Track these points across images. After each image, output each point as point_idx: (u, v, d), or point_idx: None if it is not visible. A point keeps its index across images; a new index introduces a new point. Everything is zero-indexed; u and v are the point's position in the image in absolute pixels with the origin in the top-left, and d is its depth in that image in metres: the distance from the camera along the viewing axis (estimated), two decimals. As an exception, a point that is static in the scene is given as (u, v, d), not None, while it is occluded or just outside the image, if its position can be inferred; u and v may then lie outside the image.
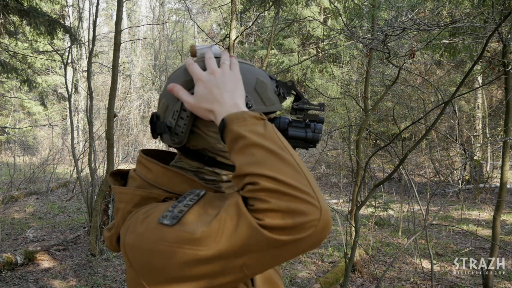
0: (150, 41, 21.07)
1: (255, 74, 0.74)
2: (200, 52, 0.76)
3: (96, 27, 5.78)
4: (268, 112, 0.74)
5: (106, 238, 0.75)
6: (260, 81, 0.73)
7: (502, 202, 3.21)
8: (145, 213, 0.65)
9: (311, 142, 0.76)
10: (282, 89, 0.77)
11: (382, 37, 3.29)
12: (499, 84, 9.12)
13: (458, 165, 8.54)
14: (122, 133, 13.54)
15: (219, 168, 0.75)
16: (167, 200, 0.70)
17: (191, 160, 0.76)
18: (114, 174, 0.80)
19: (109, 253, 4.78)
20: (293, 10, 9.01)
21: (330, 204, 7.74)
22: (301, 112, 0.79)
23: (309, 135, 0.76)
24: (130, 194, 0.71)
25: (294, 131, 0.76)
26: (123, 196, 0.71)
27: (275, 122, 0.77)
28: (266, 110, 0.73)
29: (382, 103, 7.86)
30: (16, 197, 8.09)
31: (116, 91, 4.78)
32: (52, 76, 14.70)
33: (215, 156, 0.75)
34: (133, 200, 0.70)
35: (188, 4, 12.87)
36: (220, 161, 0.75)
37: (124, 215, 0.70)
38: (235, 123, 0.60)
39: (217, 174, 0.76)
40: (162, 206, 0.65)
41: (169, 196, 0.70)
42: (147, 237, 0.61)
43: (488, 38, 2.48)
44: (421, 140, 2.95)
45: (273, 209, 0.54)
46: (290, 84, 0.78)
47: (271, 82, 0.75)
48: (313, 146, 0.77)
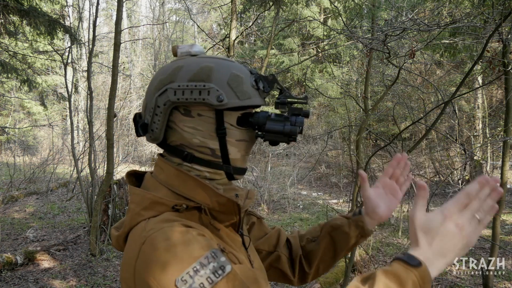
0: (150, 41, 21.07)
1: (230, 69, 0.73)
2: (180, 51, 0.77)
3: (96, 27, 5.78)
4: (244, 105, 0.74)
5: (113, 237, 0.75)
6: (234, 75, 0.73)
7: (502, 202, 3.22)
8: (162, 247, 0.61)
9: (290, 136, 0.76)
10: (262, 83, 0.76)
11: (382, 37, 3.29)
12: (499, 84, 9.11)
13: (458, 165, 8.53)
14: (122, 133, 13.53)
15: (197, 164, 0.75)
16: (176, 207, 0.70)
17: (172, 156, 0.77)
18: (130, 174, 0.81)
19: (109, 253, 4.78)
20: (293, 10, 9.01)
21: (330, 204, 7.74)
22: (283, 105, 0.78)
23: (286, 128, 0.75)
24: (141, 196, 0.71)
25: (272, 124, 0.75)
26: (134, 197, 0.72)
27: (254, 116, 0.77)
28: (240, 104, 0.72)
29: (382, 103, 7.85)
30: (16, 197, 8.09)
31: (116, 91, 4.78)
32: (52, 76, 14.69)
33: (193, 152, 0.75)
34: (143, 203, 0.70)
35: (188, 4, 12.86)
36: (198, 157, 0.75)
37: (133, 216, 0.70)
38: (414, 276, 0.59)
39: (198, 170, 0.76)
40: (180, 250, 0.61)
41: (178, 203, 0.70)
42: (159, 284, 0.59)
43: (488, 38, 2.48)
44: (421, 140, 2.95)
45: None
46: (271, 78, 0.77)
47: (249, 76, 0.75)
48: (293, 140, 0.76)
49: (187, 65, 0.73)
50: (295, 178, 10.20)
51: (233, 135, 0.75)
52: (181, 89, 0.71)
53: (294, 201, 8.53)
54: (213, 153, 0.75)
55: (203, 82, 0.71)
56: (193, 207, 0.72)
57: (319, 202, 8.51)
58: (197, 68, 0.72)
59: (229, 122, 0.74)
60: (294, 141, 0.77)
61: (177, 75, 0.73)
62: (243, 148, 0.78)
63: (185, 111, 0.74)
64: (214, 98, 0.71)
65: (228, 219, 0.75)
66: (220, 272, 0.60)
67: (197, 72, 0.72)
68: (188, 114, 0.74)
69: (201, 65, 0.73)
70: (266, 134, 0.76)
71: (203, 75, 0.72)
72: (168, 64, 0.77)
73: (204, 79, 0.71)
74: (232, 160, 0.76)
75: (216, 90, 0.71)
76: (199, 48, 0.78)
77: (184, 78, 0.72)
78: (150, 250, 0.62)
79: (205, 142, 0.74)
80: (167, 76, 0.73)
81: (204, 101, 0.71)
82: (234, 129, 0.75)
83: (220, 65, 0.73)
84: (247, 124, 0.77)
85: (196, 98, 0.71)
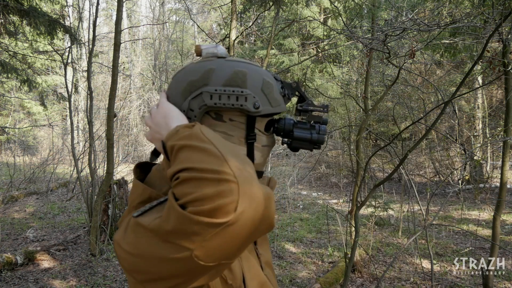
0: (150, 41, 21.06)
1: (262, 75, 0.74)
2: (205, 51, 0.76)
3: (96, 27, 5.78)
4: (274, 112, 0.75)
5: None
6: (266, 82, 0.73)
7: (502, 202, 3.21)
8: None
9: (316, 144, 0.77)
10: (287, 90, 0.77)
11: (382, 37, 3.29)
12: (499, 84, 9.11)
13: (458, 165, 8.53)
14: (122, 133, 13.53)
15: None
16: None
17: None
18: (137, 167, 0.81)
19: (109, 253, 4.78)
20: (293, 10, 9.01)
21: (330, 204, 7.74)
22: (305, 113, 0.79)
23: (314, 137, 0.77)
24: (141, 189, 0.71)
25: (300, 132, 0.77)
26: (134, 189, 0.72)
27: (280, 123, 0.78)
28: (273, 111, 0.73)
29: (382, 103, 7.86)
30: (16, 197, 8.09)
31: (116, 91, 4.77)
32: (52, 76, 14.70)
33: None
34: (142, 196, 0.71)
35: (188, 4, 12.86)
36: None
37: (130, 209, 0.71)
38: (170, 140, 0.62)
39: None
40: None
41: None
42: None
43: (488, 38, 2.48)
44: (421, 140, 2.94)
45: (195, 197, 0.54)
46: (294, 86, 0.78)
47: (276, 83, 0.76)
48: (318, 148, 0.78)
49: (219, 69, 0.73)
50: (295, 178, 10.20)
51: (261, 140, 0.76)
52: (217, 94, 0.71)
53: (294, 201, 8.53)
54: None
55: (239, 88, 0.71)
56: None
57: (319, 202, 8.50)
58: (231, 73, 0.72)
59: (259, 128, 0.75)
60: (318, 149, 0.78)
61: (211, 78, 0.72)
62: (266, 153, 0.79)
63: (216, 115, 0.73)
64: (251, 104, 0.71)
65: None
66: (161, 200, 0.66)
67: (231, 76, 0.71)
68: (219, 119, 0.73)
69: (235, 69, 0.72)
70: (294, 141, 0.77)
71: (238, 80, 0.71)
72: (196, 64, 0.76)
73: (240, 84, 0.71)
74: (256, 165, 0.77)
75: (253, 97, 0.71)
76: (224, 50, 0.77)
77: (218, 82, 0.71)
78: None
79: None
80: (199, 79, 0.72)
81: (242, 107, 0.71)
82: (262, 135, 0.76)
83: (252, 70, 0.74)
84: (273, 130, 0.79)
85: (233, 103, 0.71)
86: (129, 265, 0.61)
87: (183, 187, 0.56)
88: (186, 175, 0.56)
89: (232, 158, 0.58)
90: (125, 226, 0.64)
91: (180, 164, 0.57)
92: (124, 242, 0.61)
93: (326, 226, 5.96)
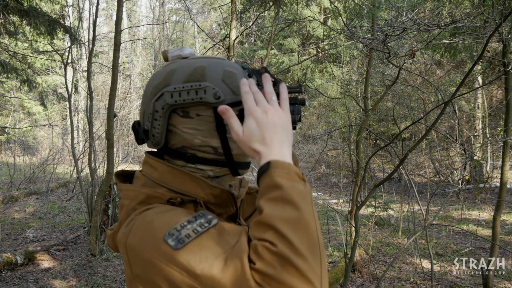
0: (150, 41, 21.07)
1: (222, 66, 0.74)
2: (171, 55, 0.78)
3: (96, 27, 5.78)
4: (241, 100, 0.73)
5: (108, 237, 0.76)
6: (227, 71, 0.73)
7: (502, 202, 3.21)
8: (151, 218, 0.64)
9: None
10: (255, 77, 0.76)
11: (382, 37, 3.29)
12: (499, 84, 9.12)
13: (458, 165, 8.53)
14: (122, 133, 13.54)
15: (201, 164, 0.76)
16: (171, 201, 0.71)
17: (175, 159, 0.77)
18: (119, 174, 0.82)
19: (109, 253, 4.78)
20: (293, 10, 9.02)
21: (330, 204, 7.74)
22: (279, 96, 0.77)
23: None
24: (136, 191, 0.72)
25: None
26: (128, 193, 0.73)
27: None
28: (237, 99, 0.73)
29: (382, 103, 7.85)
30: (16, 197, 8.09)
31: (116, 91, 4.78)
32: (52, 76, 14.70)
33: (195, 152, 0.75)
34: (138, 198, 0.71)
35: (188, 4, 12.85)
36: (201, 157, 0.75)
37: (129, 211, 0.71)
38: (279, 172, 0.60)
39: (202, 170, 0.76)
40: (168, 215, 0.64)
41: (173, 197, 0.71)
42: (150, 247, 0.61)
43: (488, 38, 2.48)
44: (421, 140, 2.95)
45: (275, 278, 0.53)
46: (263, 71, 0.77)
47: (242, 72, 0.75)
48: (293, 128, 0.76)
49: (180, 68, 0.74)
50: (295, 178, 10.17)
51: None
52: (177, 91, 0.72)
53: (294, 201, 8.51)
54: (216, 151, 0.75)
55: (198, 82, 0.72)
56: (189, 201, 0.72)
57: (319, 202, 8.50)
58: (191, 69, 0.73)
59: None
60: (294, 130, 0.77)
61: (172, 78, 0.73)
62: None
63: (183, 113, 0.74)
64: (211, 96, 0.71)
65: (225, 212, 0.76)
66: (206, 225, 0.61)
67: (191, 73, 0.73)
68: (186, 116, 0.74)
69: (194, 65, 0.73)
70: None
71: (197, 75, 0.72)
72: (161, 69, 0.77)
73: (199, 78, 0.72)
74: (235, 155, 0.76)
75: (212, 88, 0.71)
76: (189, 50, 0.78)
77: (179, 81, 0.73)
78: (140, 222, 0.64)
79: (206, 141, 0.74)
80: (162, 81, 0.74)
81: (202, 100, 0.71)
82: None
83: (212, 63, 0.74)
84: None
85: (193, 98, 0.71)
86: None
87: (271, 256, 0.54)
88: (283, 250, 0.53)
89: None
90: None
91: (284, 226, 0.55)
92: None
93: (326, 226, 5.96)
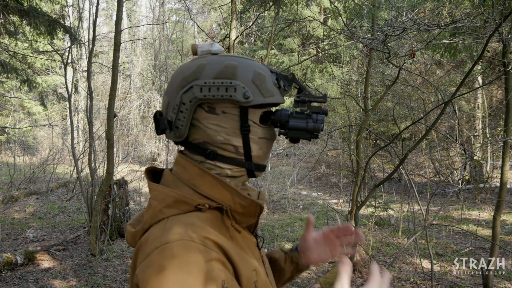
0: (150, 41, 21.06)
1: (253, 67, 0.75)
2: (200, 50, 0.78)
3: (96, 27, 5.78)
4: (268, 103, 0.75)
5: (129, 234, 0.75)
6: (258, 73, 0.74)
7: (502, 202, 3.21)
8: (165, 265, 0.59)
9: (313, 132, 0.78)
10: (282, 82, 0.77)
11: (382, 37, 3.29)
12: (499, 84, 9.12)
13: (458, 165, 8.53)
14: (122, 133, 13.53)
15: (220, 162, 0.76)
16: (198, 207, 0.70)
17: (194, 154, 0.77)
18: (149, 171, 0.82)
19: (109, 253, 4.78)
20: (293, 10, 9.01)
21: (330, 204, 7.74)
22: (303, 104, 0.80)
23: (310, 125, 0.77)
24: (164, 194, 0.72)
25: (295, 122, 0.78)
26: (157, 194, 0.72)
27: (276, 114, 0.79)
28: (265, 101, 0.74)
29: (382, 103, 7.85)
30: (16, 197, 8.09)
31: (116, 91, 4.78)
32: (52, 76, 14.69)
33: (216, 149, 0.75)
34: (166, 201, 0.71)
35: (188, 4, 12.86)
36: (221, 155, 0.75)
37: (155, 213, 0.70)
38: None
39: (220, 168, 0.76)
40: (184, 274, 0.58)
41: (201, 203, 0.70)
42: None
43: (489, 38, 2.48)
44: (421, 140, 2.95)
45: None
46: (290, 77, 0.79)
47: (270, 75, 0.76)
48: (316, 137, 0.78)
49: (210, 63, 0.74)
50: (295, 178, 10.20)
51: (256, 132, 0.76)
52: (207, 86, 0.72)
53: (294, 201, 8.53)
54: (236, 150, 0.75)
55: (229, 79, 0.72)
56: (215, 208, 0.72)
57: (319, 202, 8.51)
58: (222, 66, 0.73)
59: (253, 119, 0.76)
60: (316, 138, 0.79)
61: (202, 73, 0.73)
62: (264, 145, 0.79)
63: (209, 108, 0.74)
64: (240, 95, 0.71)
65: (247, 221, 0.77)
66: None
67: (222, 69, 0.73)
68: (212, 112, 0.74)
69: (225, 63, 0.74)
70: (290, 131, 0.78)
71: (228, 73, 0.72)
72: (189, 62, 0.77)
73: (230, 76, 0.72)
74: (254, 157, 0.77)
75: (242, 87, 0.72)
76: (218, 47, 0.79)
77: (209, 76, 0.73)
78: (158, 261, 0.60)
79: (228, 140, 0.75)
80: (191, 74, 0.74)
81: (231, 98, 0.72)
82: (257, 126, 0.76)
83: (243, 63, 0.75)
84: (269, 121, 0.80)
85: (222, 95, 0.72)
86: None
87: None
88: None
89: None
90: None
91: None
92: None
93: (326, 226, 5.96)
